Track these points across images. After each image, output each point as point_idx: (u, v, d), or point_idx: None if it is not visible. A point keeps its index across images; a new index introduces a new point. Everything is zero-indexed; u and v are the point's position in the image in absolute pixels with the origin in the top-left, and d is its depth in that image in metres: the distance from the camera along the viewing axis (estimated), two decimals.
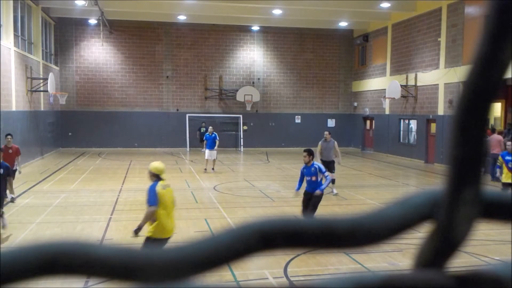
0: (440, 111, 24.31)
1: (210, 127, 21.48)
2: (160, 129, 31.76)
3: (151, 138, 31.54)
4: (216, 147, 20.34)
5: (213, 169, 20.54)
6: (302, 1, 25.10)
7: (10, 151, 13.94)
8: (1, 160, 13.21)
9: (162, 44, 31.88)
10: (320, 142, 15.71)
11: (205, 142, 20.87)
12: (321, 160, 15.04)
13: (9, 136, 14.37)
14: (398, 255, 8.98)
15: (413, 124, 27.31)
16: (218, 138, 20.65)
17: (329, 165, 15.00)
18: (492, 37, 0.45)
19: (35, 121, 24.41)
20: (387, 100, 28.15)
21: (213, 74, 32.62)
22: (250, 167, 23.97)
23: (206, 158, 20.64)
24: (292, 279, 7.88)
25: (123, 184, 17.53)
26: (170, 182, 19.35)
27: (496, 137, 18.40)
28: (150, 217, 7.28)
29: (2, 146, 13.87)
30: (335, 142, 15.67)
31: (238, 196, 15.36)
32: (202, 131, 29.84)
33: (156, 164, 7.67)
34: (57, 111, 29.72)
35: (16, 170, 13.80)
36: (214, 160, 20.60)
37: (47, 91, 24.62)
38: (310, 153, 10.86)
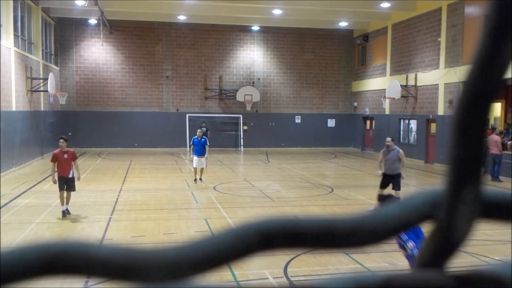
0: (440, 111, 24.32)
1: (199, 130, 18.22)
2: (160, 129, 31.75)
3: (151, 138, 31.54)
4: (206, 154, 17.23)
5: (200, 179, 17.55)
6: (302, 1, 25.10)
7: (66, 156, 12.03)
8: (56, 169, 11.83)
9: (162, 44, 31.89)
10: (381, 151, 12.98)
11: (192, 147, 17.69)
12: (384, 174, 12.76)
13: (61, 140, 12.24)
14: (398, 255, 8.97)
15: (413, 124, 27.31)
16: (208, 143, 17.71)
17: (394, 180, 12.60)
18: (492, 37, 0.45)
19: (35, 121, 24.41)
20: (387, 100, 28.16)
21: (213, 74, 32.63)
22: (250, 167, 23.98)
23: (194, 166, 17.62)
24: (292, 279, 7.88)
25: (123, 184, 17.53)
26: (170, 182, 19.09)
27: (494, 137, 18.43)
28: None
29: (56, 150, 12.27)
30: (400, 151, 12.79)
31: (238, 196, 15.36)
32: (203, 131, 29.59)
33: None
34: (57, 111, 29.72)
35: (72, 178, 12.13)
36: (202, 169, 17.51)
37: (47, 91, 24.63)
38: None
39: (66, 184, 12.02)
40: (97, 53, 31.22)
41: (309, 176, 20.14)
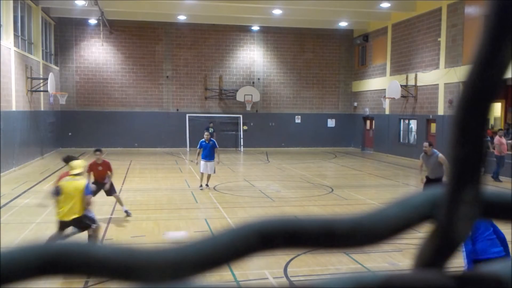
0: (440, 111, 24.32)
1: (207, 133, 16.69)
2: (160, 129, 31.75)
3: (151, 138, 31.54)
4: (217, 158, 16.24)
5: (207, 185, 16.35)
6: (302, 1, 25.10)
7: (100, 168, 12.10)
8: (92, 179, 11.81)
9: (162, 44, 31.88)
10: (420, 156, 12.66)
11: (199, 151, 16.22)
12: (426, 177, 12.33)
13: (98, 152, 12.26)
14: (398, 255, 8.98)
15: (413, 124, 27.31)
16: (217, 146, 16.51)
17: (438, 183, 12.24)
18: (492, 37, 0.45)
19: (35, 121, 24.41)
20: (387, 100, 28.15)
21: (213, 74, 32.62)
22: (250, 167, 23.97)
23: (201, 171, 16.30)
24: (292, 279, 7.88)
25: (123, 184, 17.52)
26: (170, 182, 19.13)
27: (498, 139, 18.34)
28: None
29: (92, 161, 12.25)
30: (440, 155, 12.06)
31: (238, 196, 15.36)
32: (210, 131, 29.80)
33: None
34: (57, 111, 29.72)
35: (105, 183, 12.19)
36: (209, 175, 16.32)
37: (47, 91, 24.63)
38: None
39: (104, 190, 12.17)
40: (97, 53, 31.22)
41: (309, 176, 20.14)
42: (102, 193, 15.44)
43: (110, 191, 12.37)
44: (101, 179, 12.13)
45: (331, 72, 34.12)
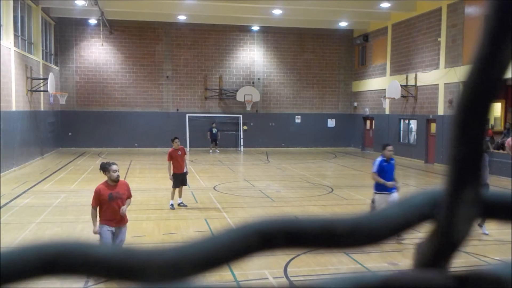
0: (440, 111, 24.31)
1: (390, 147, 11.22)
2: (160, 129, 31.74)
3: (151, 138, 31.52)
4: (398, 184, 11.17)
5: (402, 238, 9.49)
6: (302, 1, 25.10)
7: (180, 152, 13.86)
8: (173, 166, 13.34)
9: (162, 44, 31.88)
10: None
11: (376, 175, 11.18)
12: None
13: (177, 140, 14.28)
14: (398, 255, 8.98)
15: (413, 124, 27.31)
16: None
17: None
18: (492, 37, 0.45)
19: (35, 121, 24.41)
20: (387, 100, 28.15)
21: (213, 74, 32.62)
22: (250, 167, 23.97)
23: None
24: (292, 279, 7.87)
25: None
26: (170, 182, 19.11)
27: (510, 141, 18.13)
28: None
29: (171, 149, 13.79)
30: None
31: (238, 196, 15.35)
32: (214, 131, 30.21)
33: None
34: (57, 111, 29.72)
35: (185, 173, 13.70)
36: None
37: (47, 91, 24.62)
38: None
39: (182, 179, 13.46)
40: (97, 53, 31.22)
41: (309, 176, 20.13)
42: None
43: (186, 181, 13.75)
44: (180, 167, 13.33)
45: (331, 72, 34.12)
